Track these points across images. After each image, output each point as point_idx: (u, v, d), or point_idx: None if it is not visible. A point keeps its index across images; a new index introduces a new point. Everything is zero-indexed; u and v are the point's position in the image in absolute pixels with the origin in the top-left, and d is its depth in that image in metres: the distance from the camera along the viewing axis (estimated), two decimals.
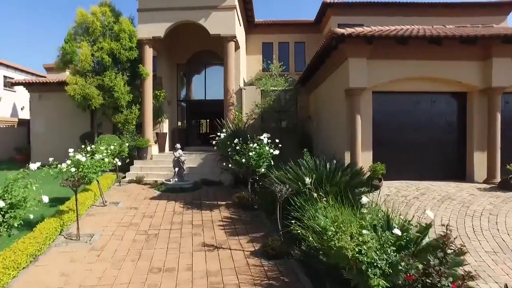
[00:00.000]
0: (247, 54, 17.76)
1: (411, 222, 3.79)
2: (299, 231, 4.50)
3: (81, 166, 5.77)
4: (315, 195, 4.83)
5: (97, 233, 6.14)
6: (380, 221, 3.91)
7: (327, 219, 4.03)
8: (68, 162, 5.64)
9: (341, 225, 3.67)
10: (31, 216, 3.80)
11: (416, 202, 6.88)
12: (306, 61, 16.77)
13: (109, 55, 12.01)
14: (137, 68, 12.43)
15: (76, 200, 5.85)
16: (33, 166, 3.94)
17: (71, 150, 6.36)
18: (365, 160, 8.19)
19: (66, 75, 13.85)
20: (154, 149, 12.74)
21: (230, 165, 8.30)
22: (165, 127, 14.82)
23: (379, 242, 3.29)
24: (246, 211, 7.89)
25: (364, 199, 3.94)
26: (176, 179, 10.26)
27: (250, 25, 17.39)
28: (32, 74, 19.48)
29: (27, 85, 15.14)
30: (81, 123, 14.65)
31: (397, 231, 3.34)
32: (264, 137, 7.81)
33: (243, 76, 15.80)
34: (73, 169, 5.54)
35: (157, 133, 14.27)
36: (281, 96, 12.28)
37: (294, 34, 18.02)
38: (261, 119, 14.00)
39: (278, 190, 5.52)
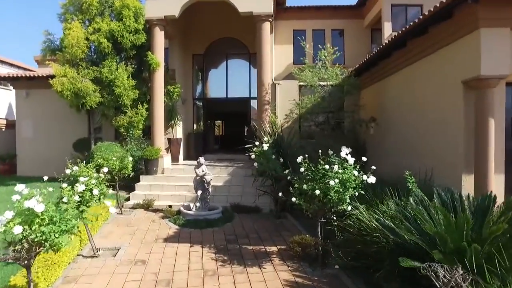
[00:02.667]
0: (275, 44, 14.91)
1: None
2: None
3: (36, 222, 2.88)
4: None
5: None
6: None
7: None
8: (9, 215, 2.77)
9: None
10: None
11: None
12: (346, 51, 13.93)
13: (108, 39, 9.24)
14: (144, 56, 9.64)
15: (30, 284, 2.99)
16: None
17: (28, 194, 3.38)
18: (494, 186, 5.25)
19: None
20: (166, 160, 9.92)
21: (281, 194, 5.41)
22: (179, 131, 12.01)
23: None
24: (315, 269, 4.98)
25: None
26: (198, 205, 7.42)
27: (279, 9, 14.53)
28: (19, 67, 16.85)
29: (11, 79, 12.44)
30: (77, 126, 11.91)
31: None
32: (347, 154, 4.93)
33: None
34: (17, 229, 2.67)
35: (169, 139, 11.47)
36: (333, 92, 9.36)
37: (332, 20, 15.05)
38: (299, 122, 11.18)
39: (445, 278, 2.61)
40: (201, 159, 7.32)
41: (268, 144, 6.97)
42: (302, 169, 5.03)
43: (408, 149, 7.26)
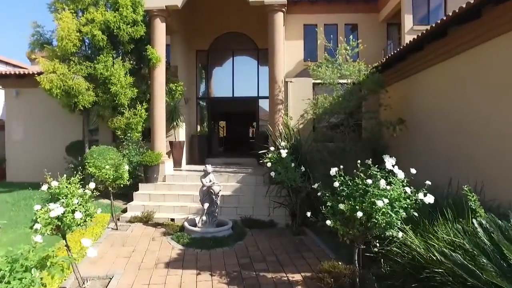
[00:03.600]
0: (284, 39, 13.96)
1: None
2: None
3: None
4: None
5: None
6: None
7: None
8: None
9: None
10: None
11: None
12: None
13: (103, 32, 8.27)
14: (144, 51, 8.67)
15: None
16: None
17: None
18: None
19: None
20: (167, 166, 8.95)
21: (310, 214, 4.43)
22: (181, 133, 11.05)
23: None
24: None
25: None
26: (204, 219, 6.44)
27: (289, 2, 13.54)
28: (11, 65, 15.89)
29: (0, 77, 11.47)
30: (72, 128, 10.93)
31: None
32: (393, 165, 3.95)
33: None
34: None
35: (171, 142, 10.51)
36: (354, 91, 8.35)
37: (345, 14, 14.03)
38: (313, 124, 10.19)
39: None
40: (208, 167, 6.34)
41: (286, 150, 5.99)
42: (336, 184, 4.05)
43: (447, 155, 6.26)
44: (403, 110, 8.10)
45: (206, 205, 6.33)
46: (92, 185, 3.94)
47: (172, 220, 7.20)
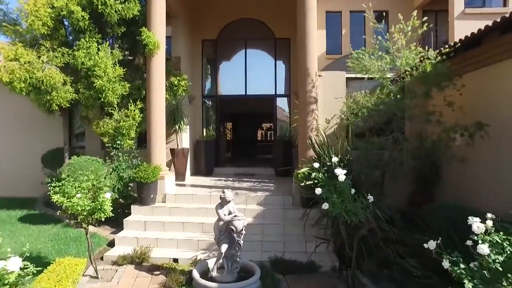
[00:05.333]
0: None
1: None
2: None
3: None
4: None
5: None
6: None
7: None
8: None
9: None
10: None
11: None
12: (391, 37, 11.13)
13: (84, 8, 6.35)
14: (138, 35, 6.73)
15: None
16: None
17: None
18: None
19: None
20: (168, 182, 7.00)
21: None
22: (185, 139, 9.13)
23: None
24: None
25: None
26: (221, 262, 4.50)
27: None
28: None
29: None
30: (52, 133, 8.99)
31: None
32: None
33: None
34: None
35: (172, 150, 8.60)
36: (410, 87, 6.39)
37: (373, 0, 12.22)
38: (346, 129, 8.29)
39: None
40: (228, 194, 4.39)
41: (344, 171, 4.05)
42: (485, 250, 2.12)
43: None
44: (476, 110, 6.15)
45: (224, 247, 4.38)
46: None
47: (175, 260, 5.27)
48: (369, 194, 4.07)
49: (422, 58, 6.10)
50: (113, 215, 4.53)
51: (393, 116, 6.51)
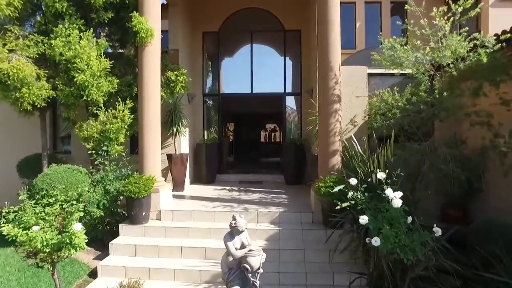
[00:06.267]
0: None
1: None
2: None
3: None
4: None
5: None
6: None
7: None
8: None
9: None
10: None
11: None
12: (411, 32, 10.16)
13: None
14: (127, 21, 5.65)
15: None
16: None
17: None
18: None
19: None
20: (164, 195, 5.92)
21: None
22: (183, 143, 8.06)
23: None
24: None
25: None
26: None
27: None
28: None
29: None
30: (32, 136, 7.90)
31: None
32: None
33: None
34: None
35: (169, 156, 7.53)
36: (456, 83, 5.33)
37: None
38: (367, 132, 7.26)
39: None
40: (240, 222, 3.31)
41: (399, 194, 2.99)
42: None
43: None
44: None
45: None
46: None
47: None
48: (435, 225, 3.00)
49: (473, 46, 5.02)
50: (83, 249, 3.45)
51: (432, 117, 5.47)
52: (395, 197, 2.95)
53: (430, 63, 5.86)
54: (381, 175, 3.34)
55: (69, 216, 3.18)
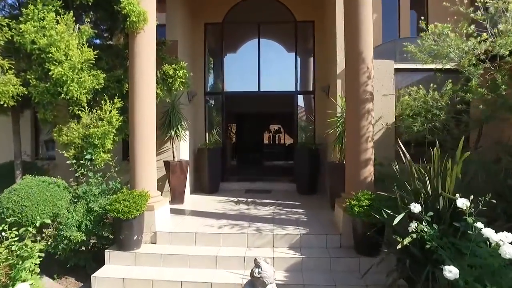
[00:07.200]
0: (325, 16, 10.02)
1: None
2: None
3: None
4: None
5: None
6: None
7: None
8: None
9: None
10: None
11: None
12: (430, 21, 9.24)
13: None
14: (116, 4, 4.66)
15: None
16: None
17: None
18: None
19: None
20: (160, 214, 4.93)
21: None
22: (183, 148, 7.08)
23: None
24: None
25: None
26: None
27: None
28: None
29: None
30: (10, 141, 6.89)
31: None
32: None
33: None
34: None
35: (166, 164, 6.55)
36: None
37: None
38: (395, 136, 6.37)
39: None
40: (267, 271, 2.30)
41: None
42: None
43: None
44: None
45: None
46: None
47: None
48: None
49: None
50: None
51: (488, 119, 4.51)
52: (503, 241, 1.99)
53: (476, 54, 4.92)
54: (463, 202, 2.37)
55: (19, 263, 2.19)
